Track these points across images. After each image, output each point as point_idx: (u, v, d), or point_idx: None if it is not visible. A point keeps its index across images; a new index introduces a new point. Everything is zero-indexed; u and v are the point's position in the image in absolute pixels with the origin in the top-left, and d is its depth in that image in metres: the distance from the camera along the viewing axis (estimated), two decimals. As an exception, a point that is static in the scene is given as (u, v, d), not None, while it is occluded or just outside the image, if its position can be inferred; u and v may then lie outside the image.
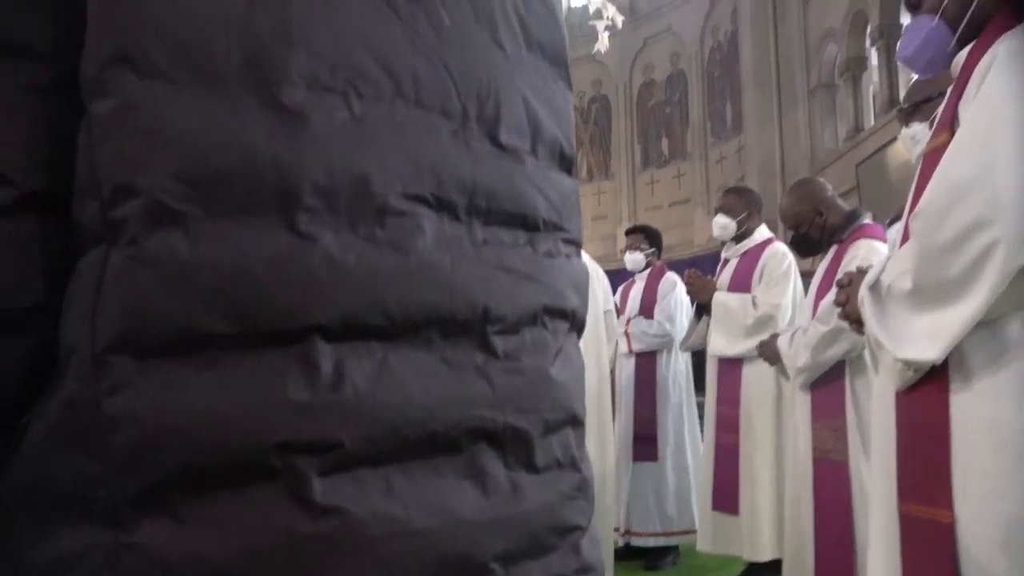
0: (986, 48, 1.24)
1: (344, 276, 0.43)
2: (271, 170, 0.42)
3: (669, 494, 3.85)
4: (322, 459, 0.42)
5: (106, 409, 0.39)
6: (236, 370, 0.41)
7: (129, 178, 0.40)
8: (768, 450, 3.20)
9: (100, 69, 0.40)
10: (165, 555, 0.39)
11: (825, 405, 2.52)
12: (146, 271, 0.40)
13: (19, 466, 0.40)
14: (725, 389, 3.36)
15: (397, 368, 0.45)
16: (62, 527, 0.39)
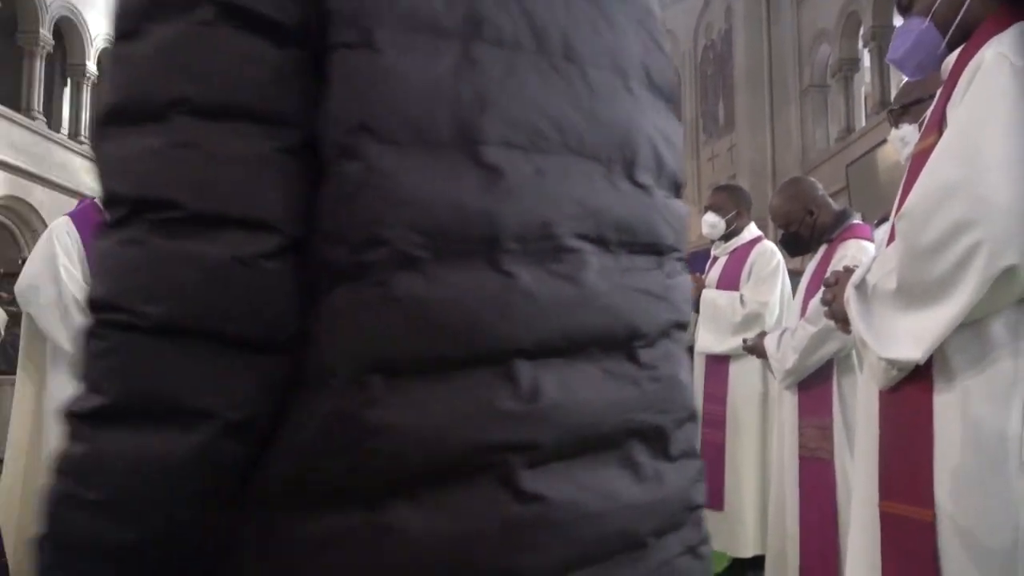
0: (975, 51, 1.25)
1: (537, 306, 0.53)
2: (479, 219, 0.51)
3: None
4: (526, 456, 0.51)
5: (365, 420, 0.48)
6: (458, 386, 0.50)
7: (376, 229, 0.49)
8: (753, 447, 3.22)
9: (347, 135, 0.49)
10: (409, 533, 0.48)
11: (812, 403, 2.54)
12: (393, 307, 0.49)
13: (283, 462, 0.49)
14: (712, 386, 3.37)
15: (574, 380, 0.54)
16: (326, 511, 0.48)
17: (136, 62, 0.48)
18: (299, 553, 0.48)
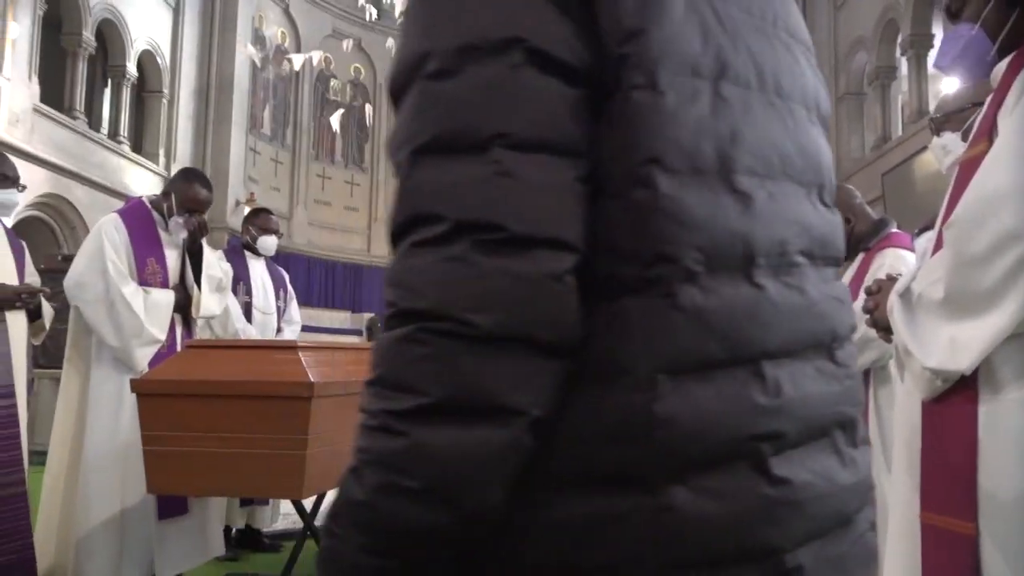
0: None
1: (779, 314, 0.61)
2: (741, 239, 0.59)
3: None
4: (773, 445, 0.59)
5: (655, 413, 0.55)
6: (722, 384, 0.57)
7: (666, 248, 0.56)
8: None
9: (639, 166, 0.57)
10: (685, 512, 0.55)
11: (846, 413, 2.50)
12: (678, 315, 0.56)
13: (569, 451, 0.56)
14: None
15: (800, 378, 0.62)
16: (610, 495, 0.55)
17: (456, 98, 0.55)
18: (579, 530, 0.55)
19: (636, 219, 0.57)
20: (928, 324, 1.27)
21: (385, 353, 0.55)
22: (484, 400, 0.52)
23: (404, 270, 0.55)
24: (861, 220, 2.72)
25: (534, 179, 0.54)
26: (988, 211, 1.16)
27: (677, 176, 0.57)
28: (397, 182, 0.57)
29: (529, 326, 0.53)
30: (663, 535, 0.55)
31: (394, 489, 0.53)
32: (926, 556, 1.28)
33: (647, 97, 0.57)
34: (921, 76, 9.89)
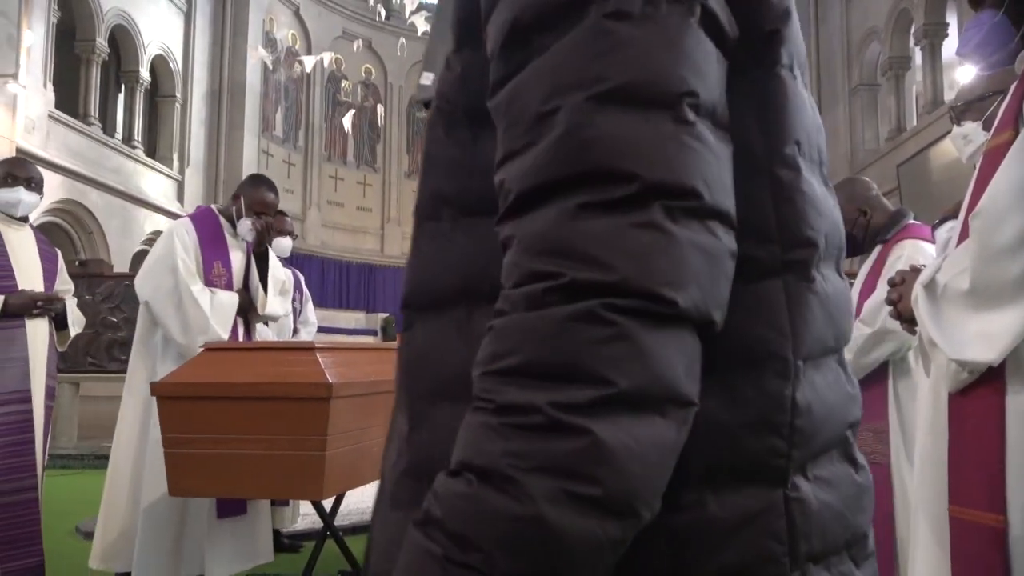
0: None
1: (849, 304, 0.62)
2: (837, 229, 0.61)
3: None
4: (853, 432, 0.61)
5: (798, 401, 0.53)
6: (827, 371, 0.58)
7: (807, 232, 0.55)
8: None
9: (786, 146, 0.55)
10: (811, 504, 0.54)
11: (867, 407, 2.47)
12: (816, 301, 0.56)
13: (710, 443, 0.51)
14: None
15: (846, 367, 0.63)
16: (747, 490, 0.52)
17: (644, 46, 0.48)
18: (712, 532, 0.51)
19: (779, 200, 0.55)
20: (954, 316, 1.25)
21: (544, 334, 0.45)
22: (665, 389, 0.45)
23: (573, 235, 0.46)
24: (878, 212, 2.70)
25: (714, 146, 0.49)
26: (1015, 201, 1.14)
27: (807, 162, 0.57)
28: (552, 133, 0.48)
29: (711, 306, 0.47)
30: (796, 530, 0.53)
31: (572, 498, 0.43)
32: (955, 550, 1.26)
33: (789, 77, 0.56)
34: (935, 66, 9.79)
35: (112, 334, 7.83)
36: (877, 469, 2.41)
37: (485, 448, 0.45)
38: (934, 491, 1.33)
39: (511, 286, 0.47)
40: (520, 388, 0.45)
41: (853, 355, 2.44)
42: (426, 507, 0.46)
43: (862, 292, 2.58)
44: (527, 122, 0.49)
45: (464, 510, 0.44)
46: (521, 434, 0.44)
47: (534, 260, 0.46)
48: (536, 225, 0.47)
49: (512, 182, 0.49)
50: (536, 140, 0.48)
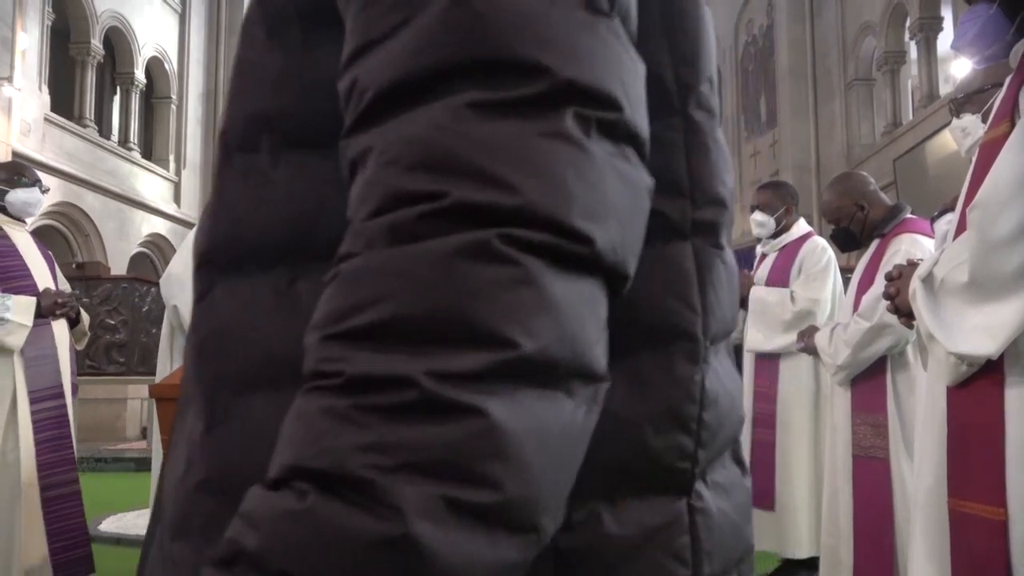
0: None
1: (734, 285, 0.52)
2: (730, 201, 0.49)
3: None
4: (739, 429, 0.51)
5: (707, 388, 0.45)
6: (721, 360, 0.48)
7: (720, 189, 0.47)
8: (805, 446, 3.17)
9: (700, 82, 0.47)
10: (713, 515, 0.45)
11: (866, 401, 2.49)
12: (725, 272, 0.47)
13: (607, 441, 0.39)
14: (762, 384, 3.33)
15: (728, 361, 0.53)
16: (647, 500, 0.43)
17: None
18: (614, 552, 0.41)
19: (693, 146, 0.45)
20: (953, 309, 1.25)
21: (418, 277, 0.32)
22: (575, 356, 0.33)
23: (461, 142, 0.33)
24: (875, 206, 2.70)
25: (630, 53, 0.38)
26: (1013, 194, 1.15)
27: (713, 111, 0.47)
28: (434, 5, 0.35)
29: (628, 252, 0.36)
30: (699, 547, 0.44)
31: (455, 509, 0.30)
32: (955, 542, 1.26)
33: (702, 12, 0.47)
34: (931, 60, 9.79)
35: (110, 336, 7.82)
36: (876, 463, 2.42)
37: (327, 443, 0.31)
38: (933, 484, 1.33)
39: (367, 215, 0.34)
40: (383, 354, 0.31)
41: (851, 350, 2.45)
42: (231, 536, 0.31)
43: (859, 286, 2.59)
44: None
45: (294, 537, 0.30)
46: (383, 419, 0.31)
47: (404, 176, 0.33)
48: (408, 129, 0.34)
49: (371, 78, 0.36)
50: (408, 19, 0.35)
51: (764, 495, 3.20)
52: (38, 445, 2.84)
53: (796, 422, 3.19)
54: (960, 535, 1.26)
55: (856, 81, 11.40)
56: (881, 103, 11.04)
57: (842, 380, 2.54)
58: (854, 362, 2.47)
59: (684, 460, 0.44)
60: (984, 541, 1.20)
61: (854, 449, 2.49)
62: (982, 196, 1.19)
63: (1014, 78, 1.28)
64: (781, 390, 3.25)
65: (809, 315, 3.15)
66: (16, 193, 2.99)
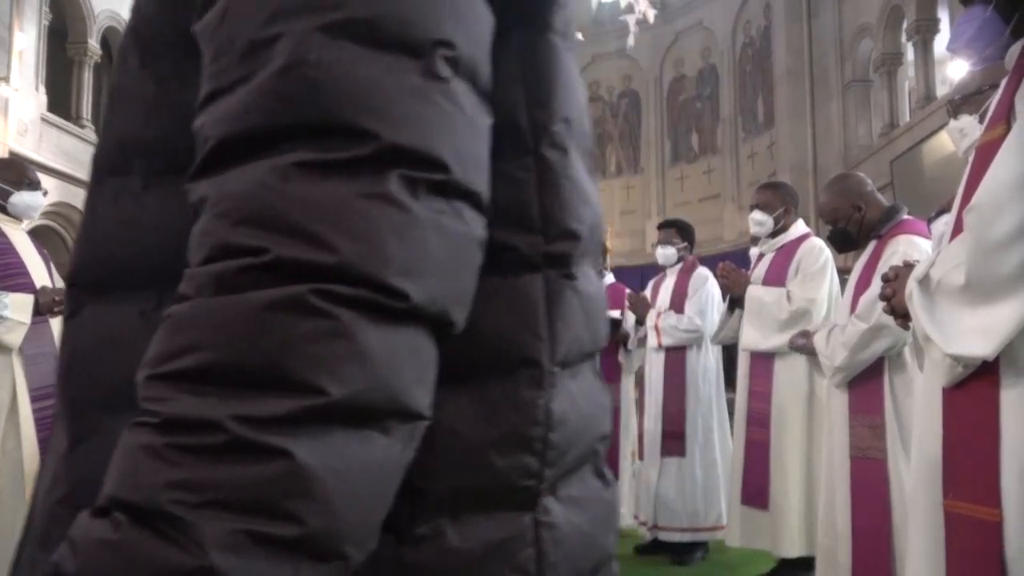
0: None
1: (604, 306, 0.56)
2: (600, 224, 0.53)
3: (697, 490, 3.83)
4: (604, 444, 0.55)
5: (554, 412, 0.47)
6: (583, 380, 0.51)
7: (572, 223, 0.49)
8: (799, 446, 3.18)
9: (553, 122, 0.48)
10: (562, 529, 0.48)
11: (863, 402, 2.49)
12: (576, 300, 0.49)
13: (451, 463, 0.44)
14: (757, 384, 3.34)
15: (600, 375, 0.57)
16: (491, 516, 0.45)
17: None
18: (447, 567, 0.44)
19: (545, 184, 0.47)
20: (949, 310, 1.25)
21: (234, 327, 0.35)
22: (389, 400, 0.37)
23: (284, 201, 0.36)
24: (872, 208, 2.71)
25: (471, 113, 0.40)
26: (1009, 196, 1.15)
27: (577, 144, 0.50)
28: (269, 67, 0.37)
29: (450, 302, 0.39)
30: (544, 560, 0.46)
31: (259, 542, 0.33)
32: (950, 543, 1.27)
33: (562, 46, 0.48)
34: (928, 61, 9.81)
35: (107, 337, 7.82)
36: (874, 464, 2.42)
37: (143, 478, 0.34)
38: (929, 485, 1.33)
39: (199, 262, 0.37)
40: (197, 397, 0.34)
41: (849, 351, 2.45)
42: (55, 559, 0.34)
43: (857, 288, 2.59)
44: (239, 51, 0.38)
45: (107, 564, 0.33)
46: (192, 458, 0.33)
47: (231, 230, 0.36)
48: (237, 185, 0.36)
49: (213, 128, 0.38)
50: (248, 76, 0.37)
51: (758, 494, 3.21)
52: (41, 444, 2.84)
53: (791, 422, 3.20)
54: (955, 536, 1.26)
55: (853, 82, 11.41)
56: (878, 104, 11.05)
57: (839, 382, 2.54)
58: (851, 364, 2.47)
59: (529, 478, 0.46)
60: (979, 542, 1.21)
61: (851, 450, 2.49)
62: (978, 198, 1.20)
63: (1010, 80, 1.29)
64: (776, 390, 3.25)
65: (805, 315, 3.16)
66: (21, 196, 3.00)
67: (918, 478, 1.41)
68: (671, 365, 3.97)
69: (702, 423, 3.89)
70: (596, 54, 15.13)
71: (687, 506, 3.83)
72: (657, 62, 15.02)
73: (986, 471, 1.21)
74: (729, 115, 14.00)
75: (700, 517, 3.82)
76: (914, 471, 1.48)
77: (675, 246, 4.13)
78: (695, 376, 3.93)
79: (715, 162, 14.17)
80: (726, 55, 14.09)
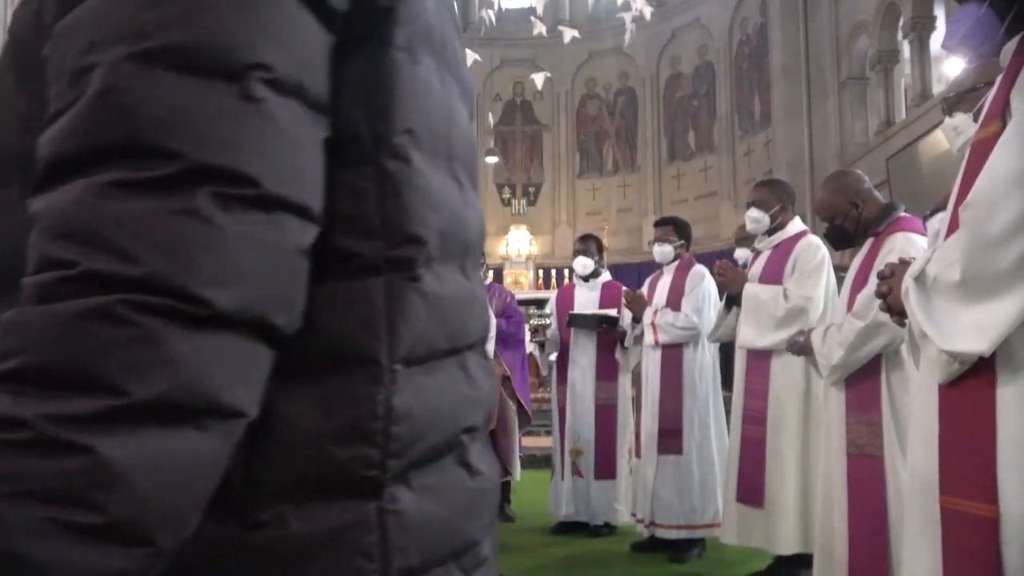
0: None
1: (479, 306, 0.61)
2: (461, 228, 0.57)
3: (694, 487, 3.84)
4: (472, 437, 0.58)
5: (395, 406, 0.50)
6: (440, 375, 0.55)
7: (415, 228, 0.52)
8: (795, 444, 3.18)
9: (396, 135, 0.51)
10: (411, 516, 0.51)
11: (860, 400, 2.49)
12: (421, 301, 0.52)
13: (290, 454, 0.48)
14: (753, 381, 3.34)
15: (481, 370, 0.61)
16: (334, 503, 0.48)
17: (209, 2, 0.42)
18: (292, 552, 0.47)
19: (385, 192, 0.50)
20: (945, 307, 1.25)
21: (48, 333, 0.38)
22: (200, 399, 0.40)
23: (96, 218, 0.39)
24: (869, 205, 2.71)
25: (291, 129, 0.44)
26: (1005, 192, 1.15)
27: (423, 154, 0.53)
28: (87, 94, 0.41)
29: (268, 307, 0.43)
30: (389, 544, 0.49)
31: (63, 529, 0.37)
32: (947, 540, 1.27)
33: (406, 61, 0.52)
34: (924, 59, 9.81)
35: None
36: (871, 462, 2.43)
37: None
38: (925, 482, 1.33)
39: (30, 272, 0.41)
40: (13, 397, 0.38)
41: (845, 350, 2.45)
42: None
43: (854, 285, 2.59)
44: (67, 78, 0.42)
45: None
46: (3, 453, 0.37)
47: (51, 244, 0.40)
48: (59, 202, 0.40)
49: (45, 147, 0.42)
50: (74, 101, 0.41)
51: (754, 492, 3.21)
52: None
53: (787, 419, 3.20)
54: (952, 532, 1.26)
55: (849, 80, 11.42)
56: (874, 102, 11.06)
57: (836, 380, 2.54)
58: (848, 362, 2.47)
59: (371, 469, 0.49)
60: (975, 538, 1.21)
61: (849, 448, 2.49)
62: (974, 195, 1.20)
63: (1004, 77, 1.29)
64: (772, 387, 3.26)
65: (802, 312, 3.16)
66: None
67: (914, 475, 1.42)
68: (668, 363, 3.98)
69: (699, 420, 3.90)
70: (593, 51, 15.13)
71: (684, 503, 3.83)
72: (654, 59, 15.01)
73: (982, 467, 1.21)
74: (725, 113, 14.00)
75: (697, 514, 3.83)
76: (910, 468, 1.48)
77: (672, 244, 4.13)
78: (692, 373, 3.94)
79: (711, 160, 14.17)
80: (722, 53, 14.08)
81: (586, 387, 4.44)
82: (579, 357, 4.48)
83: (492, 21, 10.60)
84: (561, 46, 12.48)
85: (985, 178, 1.20)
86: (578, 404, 4.44)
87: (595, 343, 4.45)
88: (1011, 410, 1.19)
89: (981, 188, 1.19)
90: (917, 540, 1.37)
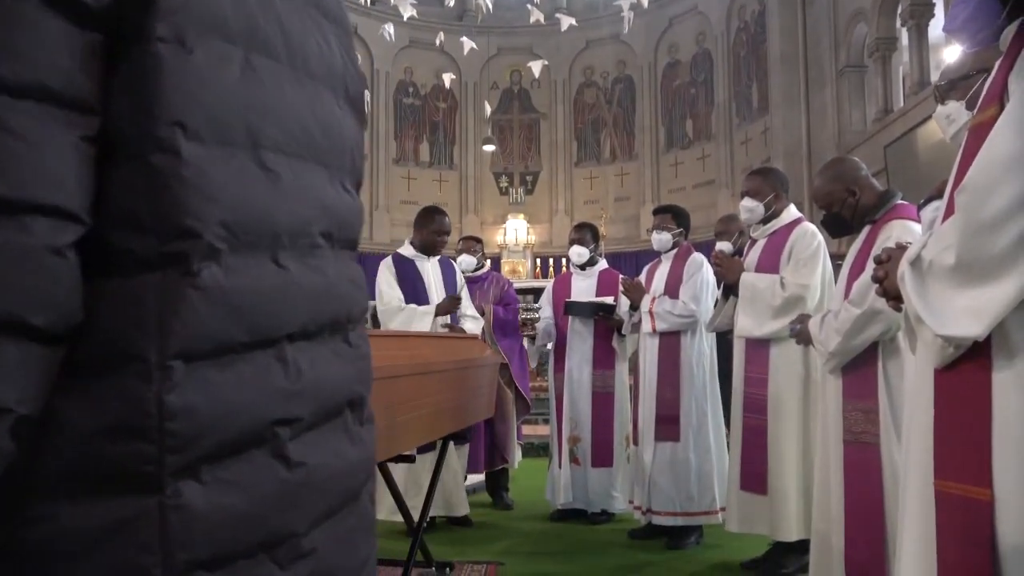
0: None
1: (302, 295, 0.61)
2: (266, 218, 0.58)
3: (691, 475, 3.85)
4: (291, 429, 0.59)
5: (168, 404, 0.50)
6: (243, 368, 0.55)
7: (188, 222, 0.52)
8: (795, 431, 3.19)
9: (161, 129, 0.51)
10: (198, 509, 0.51)
11: (857, 387, 2.50)
12: (199, 296, 0.52)
13: (62, 450, 0.49)
14: (752, 370, 3.34)
15: (318, 360, 0.63)
16: (110, 499, 0.49)
17: None
18: (75, 545, 0.48)
19: (154, 187, 0.51)
20: (940, 291, 1.26)
21: None
22: None
23: None
24: (866, 192, 2.71)
25: (29, 133, 0.45)
26: (1000, 175, 1.15)
27: (203, 145, 0.53)
28: None
29: (20, 308, 0.45)
30: (171, 537, 0.50)
31: None
32: (941, 523, 1.27)
33: (173, 53, 0.52)
34: (922, 46, 9.78)
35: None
36: (867, 449, 2.43)
37: None
38: (920, 466, 1.34)
39: None
40: None
41: (842, 337, 2.45)
42: None
43: (851, 272, 2.59)
44: None
45: None
46: None
47: None
48: None
49: None
50: None
51: (756, 480, 3.23)
52: None
53: (787, 407, 3.21)
54: (946, 516, 1.27)
55: (847, 68, 11.39)
56: (872, 90, 11.03)
57: (833, 367, 2.55)
58: (845, 349, 2.47)
59: (147, 464, 0.50)
60: (970, 522, 1.21)
61: (845, 435, 2.50)
62: (970, 178, 1.20)
63: (1004, 60, 1.28)
64: (772, 375, 3.26)
65: (799, 301, 3.16)
66: None
67: (909, 459, 1.42)
68: (665, 350, 3.98)
69: (696, 408, 3.90)
70: (590, 39, 15.07)
71: (681, 491, 3.85)
72: (651, 48, 14.96)
73: (977, 451, 1.21)
74: (723, 101, 13.96)
75: (694, 502, 3.84)
76: (905, 452, 1.48)
77: (670, 232, 4.13)
78: (689, 361, 3.94)
79: (709, 148, 14.15)
80: (720, 41, 14.03)
81: (583, 375, 4.45)
82: (576, 345, 4.48)
83: (489, 9, 10.53)
84: (558, 34, 12.41)
85: (980, 162, 1.20)
86: (575, 392, 4.45)
87: (592, 331, 4.46)
88: (1006, 394, 1.19)
89: (976, 172, 1.19)
90: (912, 523, 1.37)
